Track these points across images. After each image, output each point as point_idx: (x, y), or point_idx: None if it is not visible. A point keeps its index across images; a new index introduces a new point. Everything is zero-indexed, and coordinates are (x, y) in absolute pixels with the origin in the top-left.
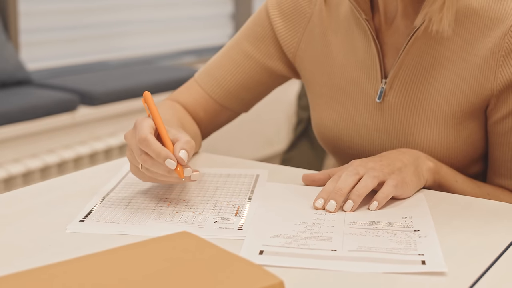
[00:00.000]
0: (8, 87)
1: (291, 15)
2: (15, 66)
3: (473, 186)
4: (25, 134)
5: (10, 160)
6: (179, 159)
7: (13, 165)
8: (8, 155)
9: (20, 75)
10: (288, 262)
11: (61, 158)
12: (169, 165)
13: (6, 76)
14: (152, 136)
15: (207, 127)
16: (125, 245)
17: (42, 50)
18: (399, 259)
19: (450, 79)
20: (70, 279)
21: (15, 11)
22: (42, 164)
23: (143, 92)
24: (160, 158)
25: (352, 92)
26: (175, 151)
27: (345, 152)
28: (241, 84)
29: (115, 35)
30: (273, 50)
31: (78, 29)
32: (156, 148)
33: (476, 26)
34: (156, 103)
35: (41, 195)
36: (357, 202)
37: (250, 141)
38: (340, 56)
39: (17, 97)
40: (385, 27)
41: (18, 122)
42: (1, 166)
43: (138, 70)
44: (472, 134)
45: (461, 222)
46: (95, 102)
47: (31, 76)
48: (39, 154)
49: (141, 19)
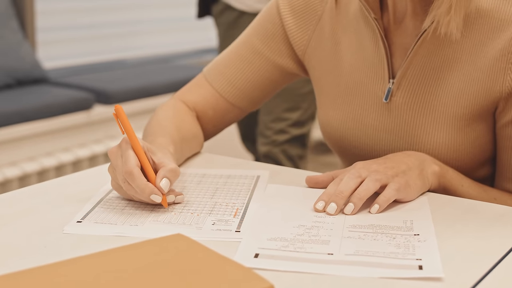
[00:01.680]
0: (24, 86)
1: (302, 13)
2: (31, 64)
3: (480, 190)
4: (41, 133)
5: (26, 159)
6: (160, 189)
7: (28, 164)
8: (24, 154)
9: (37, 74)
10: (283, 266)
11: (76, 157)
12: (155, 200)
13: (22, 74)
14: (138, 169)
15: (216, 125)
16: (118, 247)
17: (59, 48)
18: (396, 264)
19: (459, 80)
20: (62, 281)
21: (32, 10)
22: (57, 163)
23: (115, 106)
24: (145, 194)
25: (359, 92)
26: (157, 180)
27: (351, 152)
28: (252, 82)
29: (131, 34)
30: (283, 47)
31: (94, 28)
32: (141, 184)
33: (486, 27)
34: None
35: (41, 195)
36: (358, 205)
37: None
38: (348, 55)
39: (33, 96)
40: (394, 27)
41: (34, 121)
42: (16, 164)
43: (154, 68)
44: (479, 136)
45: (463, 226)
46: (110, 100)
47: (47, 75)
48: (54, 153)
49: (158, 17)
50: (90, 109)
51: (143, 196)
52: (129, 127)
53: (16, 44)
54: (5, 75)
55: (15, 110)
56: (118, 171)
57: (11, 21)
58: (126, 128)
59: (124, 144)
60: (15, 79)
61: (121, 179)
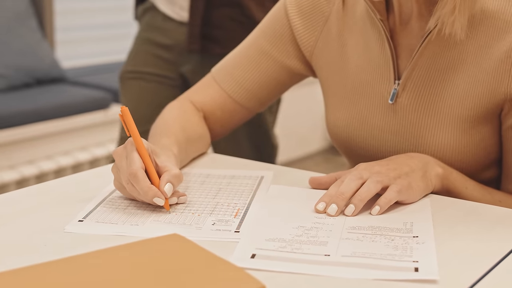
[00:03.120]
0: (43, 85)
1: (309, 14)
2: (50, 64)
3: (484, 193)
4: (58, 132)
5: (43, 157)
6: (164, 193)
7: (45, 162)
8: (41, 152)
9: (55, 73)
10: (278, 267)
11: (93, 156)
12: (157, 202)
13: (41, 74)
14: (142, 172)
15: (224, 125)
16: (113, 246)
17: (77, 48)
18: (392, 266)
19: (464, 82)
20: (54, 279)
21: (51, 10)
22: (74, 161)
23: (121, 107)
24: (148, 197)
25: (365, 93)
26: (161, 184)
27: (357, 153)
28: (260, 83)
29: None
30: (291, 48)
31: (113, 27)
32: (144, 186)
33: (492, 29)
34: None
35: (42, 195)
36: (359, 206)
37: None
38: (355, 56)
39: (51, 95)
40: (400, 28)
41: (51, 120)
42: (33, 163)
43: None
44: (485, 138)
45: (463, 228)
46: None
47: (65, 74)
48: (71, 152)
49: None
50: (107, 108)
51: (146, 199)
52: (134, 129)
53: (35, 43)
54: (23, 74)
55: (33, 109)
56: (122, 172)
57: (30, 20)
58: (132, 129)
59: (130, 146)
60: (33, 78)
61: (125, 180)
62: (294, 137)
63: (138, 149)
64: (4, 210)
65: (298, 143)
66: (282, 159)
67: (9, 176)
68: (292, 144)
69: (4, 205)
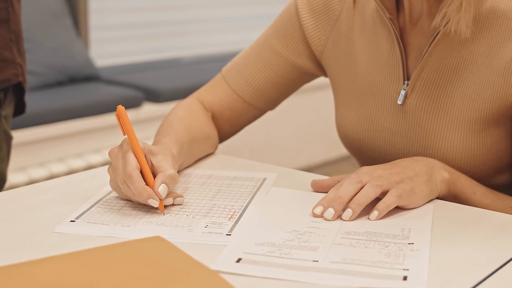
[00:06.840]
0: (76, 83)
1: (320, 13)
2: (83, 62)
3: (494, 198)
4: (89, 130)
5: (73, 155)
6: (158, 194)
7: (75, 160)
8: (72, 150)
9: (88, 71)
10: (263, 272)
11: None
12: (152, 204)
13: (74, 72)
14: (138, 173)
15: (233, 125)
16: (94, 247)
17: (112, 46)
18: (380, 274)
19: (474, 83)
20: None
21: (86, 8)
22: (103, 160)
23: (117, 106)
24: (142, 198)
25: (374, 93)
26: (155, 185)
27: (367, 154)
28: (269, 82)
29: (187, 33)
30: (302, 47)
31: (148, 26)
32: (139, 187)
33: (503, 28)
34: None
35: (44, 194)
36: (357, 211)
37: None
38: (364, 56)
39: (84, 93)
40: (410, 28)
41: (83, 118)
42: (63, 161)
43: (208, 67)
44: (496, 142)
45: (463, 235)
46: (159, 99)
47: (99, 73)
48: (101, 150)
49: (215, 16)
50: (140, 107)
51: (140, 200)
52: (130, 128)
53: (69, 42)
54: (57, 72)
55: (66, 107)
56: (118, 172)
57: (64, 19)
58: (127, 129)
59: (125, 146)
60: (67, 76)
61: (120, 180)
62: (329, 138)
63: (134, 149)
64: (4, 208)
65: (334, 144)
66: (318, 159)
67: (38, 174)
68: (328, 145)
69: (4, 204)
